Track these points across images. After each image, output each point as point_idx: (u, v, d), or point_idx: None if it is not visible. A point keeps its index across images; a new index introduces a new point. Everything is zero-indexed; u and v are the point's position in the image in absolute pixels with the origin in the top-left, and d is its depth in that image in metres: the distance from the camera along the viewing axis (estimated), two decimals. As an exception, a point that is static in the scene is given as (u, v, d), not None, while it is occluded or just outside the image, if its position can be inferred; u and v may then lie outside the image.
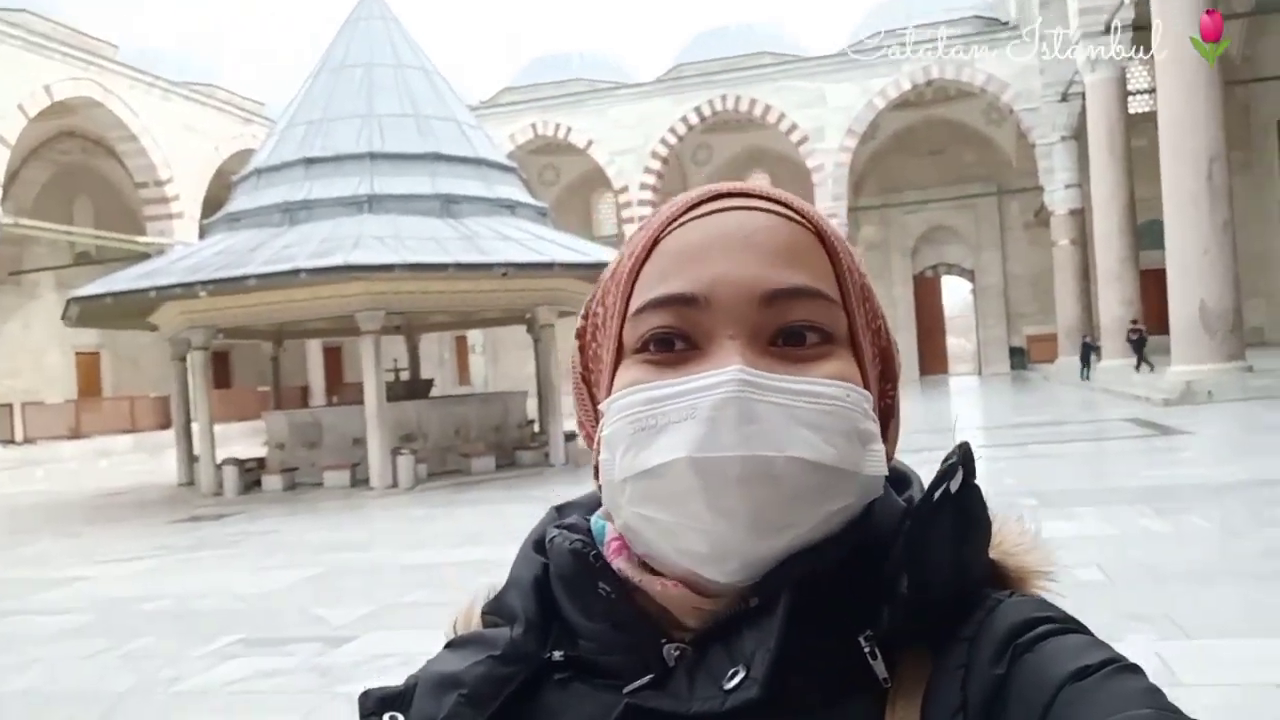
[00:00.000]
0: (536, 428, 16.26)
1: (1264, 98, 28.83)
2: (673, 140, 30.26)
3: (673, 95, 30.26)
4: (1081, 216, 25.97)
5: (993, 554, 0.58)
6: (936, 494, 0.54)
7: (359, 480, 13.09)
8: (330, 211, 13.31)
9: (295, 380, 30.03)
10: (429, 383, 17.23)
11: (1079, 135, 25.03)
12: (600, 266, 13.79)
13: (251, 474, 13.89)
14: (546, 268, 12.74)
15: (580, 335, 0.63)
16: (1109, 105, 21.39)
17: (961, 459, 0.55)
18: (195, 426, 14.23)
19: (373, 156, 13.81)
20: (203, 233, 15.47)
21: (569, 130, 30.74)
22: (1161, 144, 15.53)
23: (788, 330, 0.56)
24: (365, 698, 0.61)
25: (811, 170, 28.88)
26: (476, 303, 14.50)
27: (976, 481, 0.56)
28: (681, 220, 0.59)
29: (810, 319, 0.56)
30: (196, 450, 14.17)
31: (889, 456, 0.59)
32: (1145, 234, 22.21)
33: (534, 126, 31.02)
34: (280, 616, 6.09)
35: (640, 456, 0.53)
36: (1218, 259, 15.01)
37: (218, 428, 14.09)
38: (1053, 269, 27.99)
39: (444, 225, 13.26)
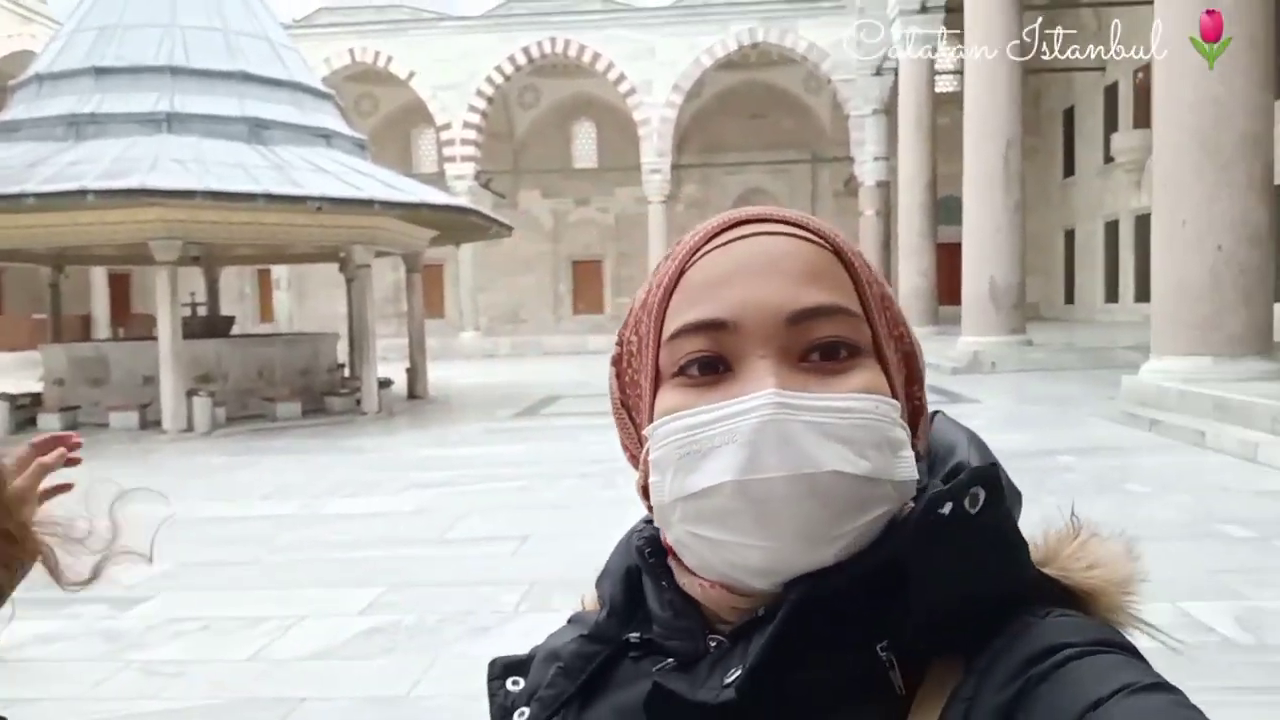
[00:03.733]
0: (348, 372, 15.67)
1: (1052, 87, 31.10)
2: (499, 79, 29.48)
3: (500, 32, 29.38)
4: (887, 189, 27.26)
5: (1050, 569, 0.59)
6: (941, 510, 0.54)
7: (149, 422, 12.23)
8: (123, 128, 12.18)
9: (76, 309, 27.53)
10: (229, 320, 16.25)
11: (889, 110, 26.16)
12: (423, 207, 13.41)
13: (25, 411, 12.76)
14: (366, 205, 12.17)
15: (616, 362, 0.67)
16: (919, 83, 22.36)
17: (984, 481, 0.55)
18: (-43, 357, 12.88)
19: (174, 71, 12.70)
20: (-32, 141, 13.80)
21: (389, 59, 29.36)
22: (966, 126, 16.46)
23: (816, 346, 0.58)
24: (493, 665, 0.72)
25: (638, 123, 28.90)
26: (286, 237, 13.68)
27: (1006, 505, 0.56)
28: (705, 250, 0.61)
29: (836, 334, 0.58)
30: (-41, 383, 12.85)
31: (918, 454, 0.61)
32: (942, 209, 23.57)
33: (351, 52, 29.43)
34: (61, 574, 5.59)
35: (688, 480, 0.56)
36: (1008, 237, 16.13)
37: (-16, 359, 12.79)
38: (858, 238, 29.32)
39: (252, 152, 12.42)
